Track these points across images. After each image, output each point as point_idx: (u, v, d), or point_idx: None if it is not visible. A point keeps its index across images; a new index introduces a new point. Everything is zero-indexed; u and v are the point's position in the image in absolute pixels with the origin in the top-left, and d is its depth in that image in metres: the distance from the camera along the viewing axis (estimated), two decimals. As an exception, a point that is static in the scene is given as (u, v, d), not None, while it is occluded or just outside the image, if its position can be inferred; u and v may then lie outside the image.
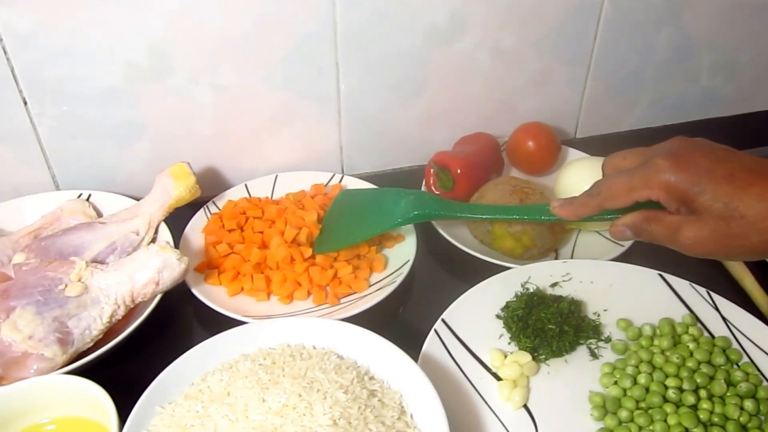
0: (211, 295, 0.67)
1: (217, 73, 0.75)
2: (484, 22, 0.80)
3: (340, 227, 0.71)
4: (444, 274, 0.75)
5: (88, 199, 0.75)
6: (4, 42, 0.67)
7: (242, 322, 0.62)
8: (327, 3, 0.73)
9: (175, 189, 0.71)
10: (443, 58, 0.81)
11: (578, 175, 0.74)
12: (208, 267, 0.70)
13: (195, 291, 0.66)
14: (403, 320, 0.69)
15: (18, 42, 0.67)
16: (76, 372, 0.56)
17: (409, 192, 0.69)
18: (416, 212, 0.65)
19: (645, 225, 0.51)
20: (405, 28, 0.78)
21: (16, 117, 0.72)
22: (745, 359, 0.61)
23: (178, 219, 0.73)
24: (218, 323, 0.64)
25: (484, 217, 0.66)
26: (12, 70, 0.69)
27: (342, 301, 0.68)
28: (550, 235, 0.71)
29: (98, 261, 0.66)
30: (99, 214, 0.75)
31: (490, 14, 0.79)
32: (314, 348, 0.57)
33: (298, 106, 0.80)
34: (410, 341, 0.58)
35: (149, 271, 0.61)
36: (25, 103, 0.72)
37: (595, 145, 0.88)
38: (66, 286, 0.60)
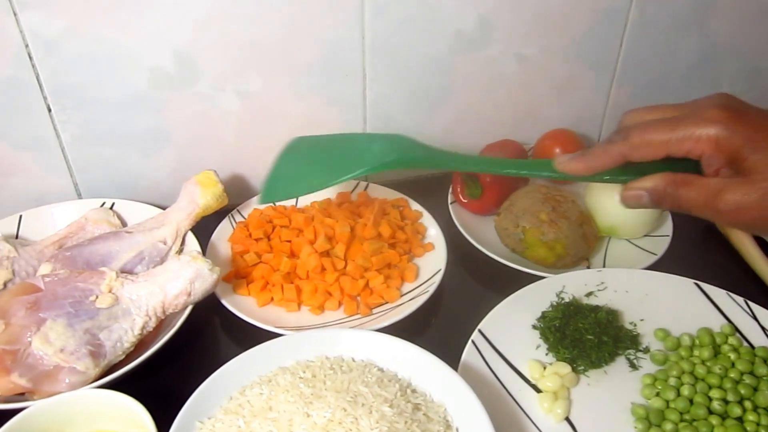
0: (240, 305, 0.66)
1: (243, 79, 0.74)
2: (511, 28, 0.79)
3: (296, 173, 0.59)
4: (474, 283, 0.74)
5: (111, 208, 0.74)
6: (30, 48, 0.66)
7: (272, 333, 0.61)
8: (356, 8, 0.72)
9: (203, 197, 0.70)
10: (470, 64, 0.80)
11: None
12: (235, 277, 0.69)
13: (224, 301, 0.65)
14: (436, 330, 0.67)
15: (44, 47, 0.66)
16: (109, 385, 0.54)
17: (384, 135, 0.62)
18: (394, 156, 0.54)
19: (673, 189, 0.44)
20: (433, 34, 0.77)
21: (40, 124, 0.71)
22: (788, 370, 0.60)
23: (202, 228, 0.72)
24: (247, 334, 0.63)
25: (474, 168, 0.59)
26: (37, 77, 0.68)
27: (374, 311, 0.67)
28: (583, 243, 0.71)
29: (126, 271, 0.65)
30: (123, 223, 0.73)
31: (518, 20, 0.79)
32: (353, 360, 0.56)
33: (324, 112, 0.79)
34: (445, 352, 0.57)
35: (181, 281, 0.60)
36: (50, 110, 0.70)
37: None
38: (96, 297, 0.59)
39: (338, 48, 0.75)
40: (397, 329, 0.61)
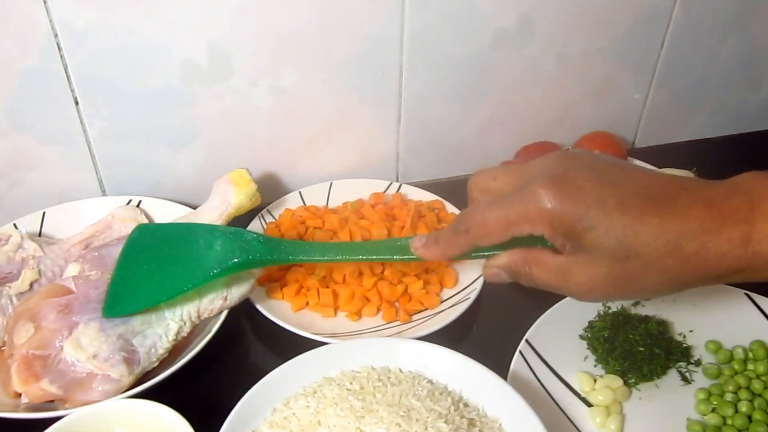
0: (274, 309, 0.63)
1: (278, 74, 0.71)
2: (552, 27, 0.77)
3: (142, 277, 0.54)
4: (515, 289, 0.71)
5: (138, 206, 0.71)
6: (60, 38, 0.63)
7: (308, 339, 0.58)
8: (396, 3, 0.69)
9: (236, 197, 0.67)
10: (508, 63, 0.78)
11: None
12: (268, 280, 0.67)
13: (258, 306, 0.62)
14: (477, 339, 0.65)
15: (74, 38, 0.63)
16: (143, 394, 0.52)
17: (226, 231, 0.55)
18: (236, 259, 0.52)
19: (525, 268, 0.43)
20: (472, 32, 0.74)
21: (66, 117, 0.68)
22: None
23: (232, 228, 0.69)
24: (282, 339, 0.61)
25: (324, 258, 0.53)
26: (66, 68, 0.65)
27: (413, 318, 0.64)
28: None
29: (157, 273, 0.62)
30: (150, 222, 0.71)
31: (559, 19, 0.76)
32: (401, 371, 0.53)
33: (358, 110, 0.77)
34: (488, 362, 0.54)
35: (217, 285, 0.58)
36: (77, 103, 0.68)
37: (654, 155, 0.85)
38: (129, 300, 0.56)
39: (376, 43, 0.72)
40: (437, 337, 0.59)
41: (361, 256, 0.54)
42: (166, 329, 0.56)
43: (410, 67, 0.75)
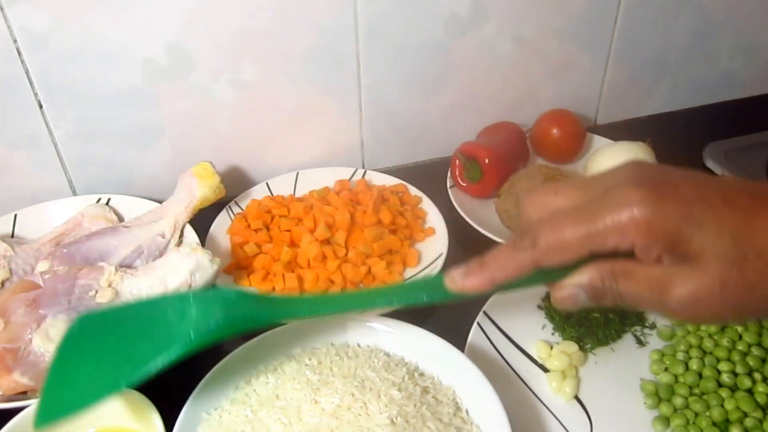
0: (242, 296, 0.65)
1: (238, 69, 0.73)
2: (506, 10, 0.78)
3: (89, 369, 0.44)
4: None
5: (107, 204, 0.73)
6: (19, 43, 0.65)
7: (277, 323, 0.60)
8: (348, -7, 0.71)
9: (200, 189, 0.69)
10: (465, 47, 0.80)
11: (614, 163, 0.72)
12: (236, 268, 0.68)
13: (226, 293, 0.64)
14: (440, 315, 0.66)
15: (33, 42, 0.65)
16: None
17: (202, 294, 0.45)
18: (218, 321, 0.42)
19: (612, 283, 0.36)
20: (427, 17, 0.76)
21: (31, 121, 0.70)
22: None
23: (200, 221, 0.71)
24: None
25: (331, 311, 0.45)
26: (27, 72, 0.67)
27: (377, 297, 0.66)
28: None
29: (125, 266, 0.64)
30: (120, 219, 0.73)
31: (512, 2, 0.78)
32: (359, 346, 0.55)
33: (320, 100, 0.78)
34: (450, 336, 0.56)
35: (181, 274, 0.60)
36: (41, 107, 0.69)
37: (616, 131, 0.87)
38: (96, 292, 0.58)
39: (333, 35, 0.74)
40: (401, 315, 0.60)
41: (379, 303, 0.43)
42: (133, 318, 0.58)
43: (368, 56, 0.77)
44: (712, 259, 0.33)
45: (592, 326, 0.60)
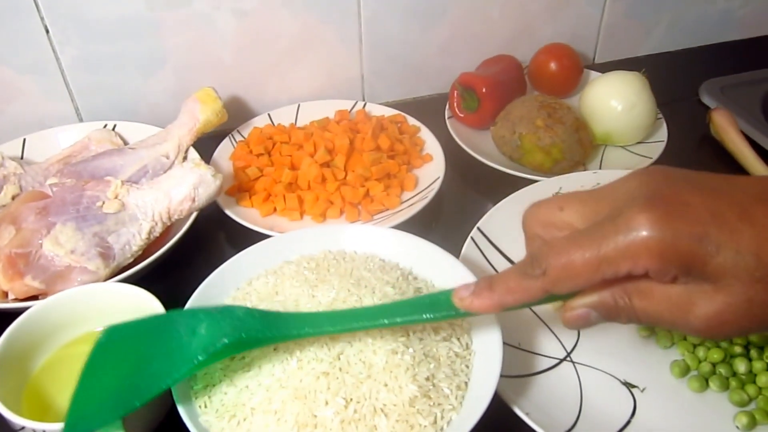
0: (244, 216, 0.67)
1: (239, -4, 0.74)
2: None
3: (111, 384, 0.44)
4: (474, 191, 0.75)
5: (113, 129, 0.75)
6: (25, -35, 0.66)
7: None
8: None
9: (203, 113, 0.71)
10: (464, -21, 0.81)
11: (608, 92, 0.73)
12: (238, 191, 0.70)
13: (228, 212, 0.66)
14: (436, 234, 0.68)
15: (39, -35, 0.67)
16: (119, 285, 0.56)
17: (211, 311, 0.46)
18: (226, 341, 0.43)
19: (624, 300, 0.35)
20: (426, -53, 0.77)
21: (39, 47, 0.71)
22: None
23: (203, 148, 0.73)
24: (252, 243, 0.64)
25: (335, 329, 0.44)
26: (34, -4, 0.68)
27: (375, 217, 0.68)
28: (579, 148, 0.72)
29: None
30: (125, 143, 0.74)
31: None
32: (356, 253, 0.57)
33: (319, 30, 0.80)
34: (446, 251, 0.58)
35: (185, 187, 0.61)
36: (48, 32, 0.71)
37: (613, 69, 0.87)
38: (103, 203, 0.60)
39: (332, -37, 0.75)
40: (396, 227, 0.62)
41: (382, 321, 0.44)
42: (139, 228, 0.61)
43: (367, -15, 0.78)
44: (735, 279, 0.32)
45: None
